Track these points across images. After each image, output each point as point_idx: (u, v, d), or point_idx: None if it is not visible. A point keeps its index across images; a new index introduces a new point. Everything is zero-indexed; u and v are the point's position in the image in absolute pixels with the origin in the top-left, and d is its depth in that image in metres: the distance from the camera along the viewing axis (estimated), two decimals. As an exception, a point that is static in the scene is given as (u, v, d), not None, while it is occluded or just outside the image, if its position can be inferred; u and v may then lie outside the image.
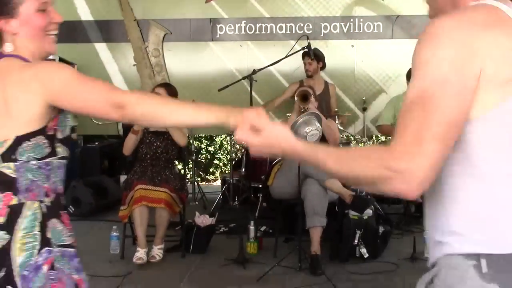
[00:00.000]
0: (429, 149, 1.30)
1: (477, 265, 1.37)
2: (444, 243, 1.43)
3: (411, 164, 1.31)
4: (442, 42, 1.34)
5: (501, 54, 1.35)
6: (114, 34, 8.29)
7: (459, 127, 1.34)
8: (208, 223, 5.51)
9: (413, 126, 1.32)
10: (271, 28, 8.08)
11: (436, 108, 1.31)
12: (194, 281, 4.72)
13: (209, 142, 11.28)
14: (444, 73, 1.32)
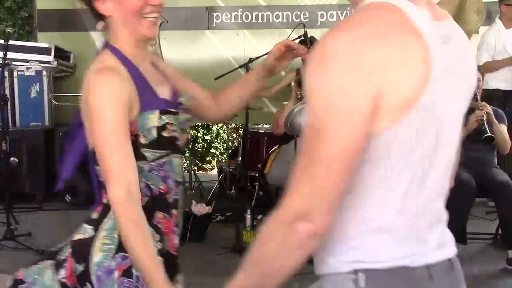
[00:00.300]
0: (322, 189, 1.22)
1: (355, 279, 1.33)
2: (322, 262, 1.41)
3: (307, 204, 1.23)
4: (333, 67, 1.21)
5: (398, 71, 1.21)
6: (110, 23, 8.27)
7: (355, 155, 1.22)
8: (204, 211, 5.52)
9: (305, 163, 1.24)
10: (267, 16, 8.06)
11: (326, 139, 1.20)
12: (191, 270, 4.70)
13: (206, 131, 11.28)
14: (333, 103, 1.20)
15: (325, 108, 1.21)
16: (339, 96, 1.19)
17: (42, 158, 7.07)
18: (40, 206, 6.79)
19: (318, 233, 1.25)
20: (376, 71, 1.19)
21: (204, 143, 11.27)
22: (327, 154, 1.20)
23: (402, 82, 1.22)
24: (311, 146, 1.23)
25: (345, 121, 1.19)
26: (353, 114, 1.20)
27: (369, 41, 1.21)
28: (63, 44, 8.02)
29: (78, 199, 6.87)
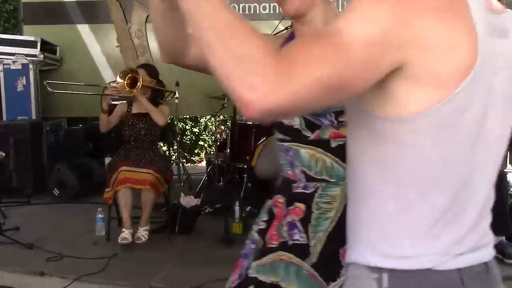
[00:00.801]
0: (302, 81, 1.05)
1: (379, 278, 1.26)
2: (354, 249, 1.34)
3: (276, 82, 1.03)
4: (384, 3, 1.11)
5: (441, 49, 1.12)
6: (97, 15, 8.23)
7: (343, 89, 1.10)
8: (193, 204, 5.53)
9: (304, 53, 1.07)
10: (254, 8, 8.06)
11: (337, 57, 1.06)
12: (180, 262, 4.73)
13: (194, 123, 11.28)
14: (361, 32, 1.08)
15: (351, 31, 1.09)
16: (370, 31, 1.09)
17: (30, 152, 7.04)
18: (28, 200, 6.77)
19: (248, 109, 1.06)
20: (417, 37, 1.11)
21: (192, 135, 11.27)
22: (317, 67, 1.06)
23: (443, 63, 1.13)
24: (320, 46, 1.08)
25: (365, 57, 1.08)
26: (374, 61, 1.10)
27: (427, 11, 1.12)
28: (49, 37, 7.98)
29: (67, 193, 6.85)
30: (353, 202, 1.36)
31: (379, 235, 1.28)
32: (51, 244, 5.04)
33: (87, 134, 7.88)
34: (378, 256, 1.28)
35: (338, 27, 1.10)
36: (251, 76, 1.04)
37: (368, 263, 1.29)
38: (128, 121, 5.42)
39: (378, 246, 1.28)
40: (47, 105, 7.95)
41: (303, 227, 1.89)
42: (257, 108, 1.04)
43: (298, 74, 1.05)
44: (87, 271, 4.39)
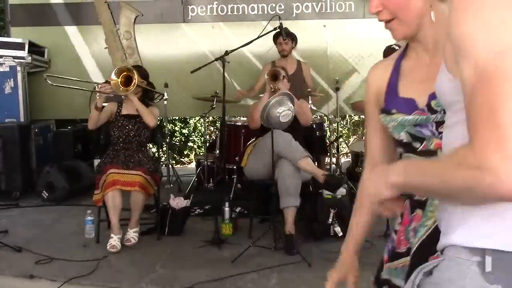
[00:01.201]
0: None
1: (481, 262, 1.19)
2: (451, 231, 1.27)
3: (498, 157, 1.03)
4: (485, 5, 1.10)
5: None
6: (85, 17, 8.21)
7: None
8: (183, 205, 5.52)
9: (486, 112, 1.05)
10: (243, 9, 8.06)
11: (507, 83, 1.05)
12: (170, 263, 4.73)
13: (183, 125, 11.27)
14: (502, 40, 1.06)
15: (494, 48, 1.07)
16: (506, 30, 1.07)
17: (18, 155, 7.01)
18: (16, 203, 6.74)
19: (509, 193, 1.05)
20: None
21: (182, 136, 11.25)
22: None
23: None
24: (491, 91, 1.06)
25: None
26: None
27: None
28: (37, 39, 7.95)
29: (56, 195, 6.82)
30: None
31: (482, 216, 1.21)
32: (40, 247, 5.03)
33: (75, 136, 7.85)
34: (481, 238, 1.21)
35: (474, 69, 1.09)
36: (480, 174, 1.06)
37: (469, 244, 1.22)
38: (118, 122, 5.41)
39: (481, 227, 1.22)
40: (35, 107, 7.92)
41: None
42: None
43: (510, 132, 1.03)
44: (77, 273, 4.39)
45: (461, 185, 1.11)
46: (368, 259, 4.82)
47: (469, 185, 1.09)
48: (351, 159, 8.18)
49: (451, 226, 1.28)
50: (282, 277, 4.36)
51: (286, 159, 5.03)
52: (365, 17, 7.97)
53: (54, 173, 6.88)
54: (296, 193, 5.01)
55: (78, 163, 7.46)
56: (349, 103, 7.71)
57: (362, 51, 7.99)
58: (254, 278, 4.33)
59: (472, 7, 1.11)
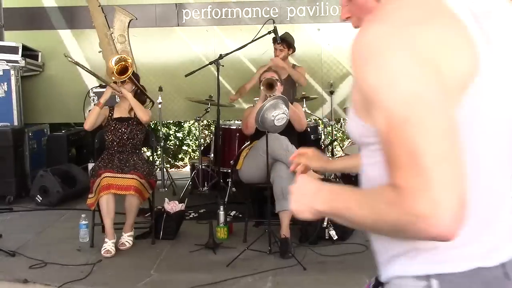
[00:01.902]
0: (436, 176, 1.07)
1: (427, 286, 1.24)
2: (395, 263, 1.31)
3: (428, 201, 1.07)
4: (384, 57, 1.14)
5: (448, 54, 1.16)
6: (79, 21, 8.20)
7: (456, 131, 1.12)
8: (177, 209, 5.51)
9: (407, 161, 1.10)
10: (237, 12, 8.07)
11: (420, 129, 1.09)
12: (164, 267, 4.72)
13: (178, 128, 11.25)
14: (406, 90, 1.11)
15: (400, 99, 1.11)
16: (408, 80, 1.12)
17: (12, 159, 6.98)
18: (10, 207, 6.71)
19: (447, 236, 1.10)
20: (428, 51, 1.14)
21: (176, 140, 11.24)
22: (431, 142, 1.09)
23: (457, 63, 1.17)
24: (407, 140, 1.10)
25: (430, 103, 1.11)
26: (432, 92, 1.11)
27: (409, 26, 1.16)
28: (31, 42, 7.93)
29: (50, 200, 6.80)
30: None
31: (420, 243, 1.25)
32: (34, 251, 5.01)
33: (70, 140, 7.83)
34: (423, 264, 1.26)
35: (387, 121, 1.14)
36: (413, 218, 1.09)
37: (414, 273, 1.26)
38: (110, 126, 5.40)
39: (421, 255, 1.26)
40: (29, 111, 7.90)
41: None
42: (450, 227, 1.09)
43: (435, 175, 1.08)
44: (71, 277, 4.37)
45: (393, 225, 1.14)
46: (362, 262, 4.85)
47: (401, 227, 1.13)
48: (345, 163, 8.17)
49: (392, 256, 1.31)
50: (277, 280, 4.35)
51: (281, 163, 5.03)
52: (359, 21, 7.97)
53: (48, 177, 6.85)
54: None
55: (72, 167, 7.44)
56: (343, 107, 7.72)
57: (356, 55, 7.99)
58: (249, 282, 4.32)
59: (372, 59, 1.14)
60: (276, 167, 5.04)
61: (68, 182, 7.02)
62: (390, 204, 1.12)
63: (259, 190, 5.60)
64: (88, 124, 5.37)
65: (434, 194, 1.07)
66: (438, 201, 1.07)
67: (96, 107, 5.39)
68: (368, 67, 1.15)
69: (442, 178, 1.07)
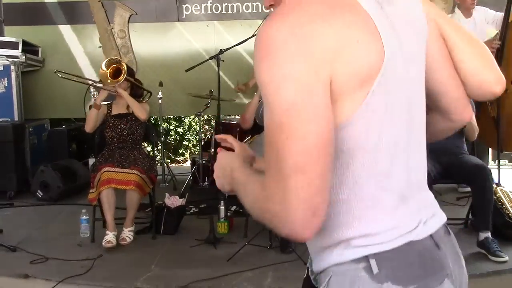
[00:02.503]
0: (292, 184, 1.14)
1: (367, 266, 1.29)
2: (330, 253, 1.35)
3: (285, 211, 1.16)
4: (278, 58, 1.16)
5: (350, 50, 1.19)
6: (79, 16, 8.19)
7: (326, 146, 1.16)
8: (178, 204, 5.52)
9: (273, 163, 1.17)
10: (237, 7, 8.05)
11: (289, 137, 1.14)
12: (165, 262, 4.72)
13: (178, 123, 11.25)
14: (288, 97, 1.15)
15: (281, 105, 1.16)
16: (293, 88, 1.15)
17: (12, 154, 6.98)
18: (11, 202, 6.72)
19: (297, 238, 1.19)
20: (327, 56, 1.17)
21: (177, 135, 11.24)
22: (295, 153, 1.14)
23: (361, 56, 1.21)
24: (277, 144, 1.17)
25: (306, 115, 1.15)
26: (311, 105, 1.15)
27: (309, 25, 1.18)
28: (31, 38, 7.92)
29: (50, 195, 6.80)
30: None
31: (356, 234, 1.32)
32: (35, 246, 5.01)
33: (70, 135, 7.83)
34: (359, 248, 1.31)
35: (268, 121, 1.19)
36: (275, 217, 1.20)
37: (352, 257, 1.31)
38: (109, 123, 5.40)
39: (354, 243, 1.31)
40: (29, 106, 7.90)
41: None
42: (300, 231, 1.18)
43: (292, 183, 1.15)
44: (72, 273, 4.38)
45: (261, 217, 1.25)
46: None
47: (266, 220, 1.23)
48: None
49: (324, 248, 1.37)
50: (277, 275, 4.35)
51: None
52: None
53: (49, 173, 6.85)
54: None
55: (73, 162, 7.44)
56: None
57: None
58: (250, 276, 4.33)
59: (267, 59, 1.18)
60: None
61: (68, 177, 7.02)
62: (260, 199, 1.23)
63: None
64: (89, 127, 5.35)
65: (287, 200, 1.15)
66: (289, 207, 1.14)
67: (94, 109, 5.36)
68: (263, 63, 1.18)
69: (297, 187, 1.14)
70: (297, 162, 1.14)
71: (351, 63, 1.20)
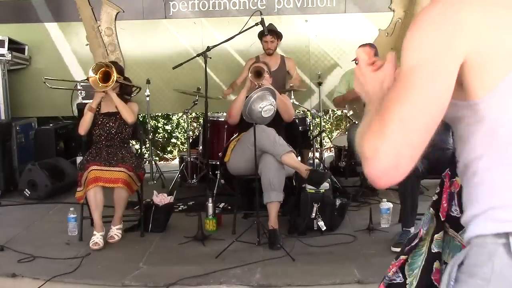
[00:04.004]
0: (391, 136, 1.28)
1: (506, 243, 1.31)
2: (475, 223, 1.39)
3: (374, 150, 1.30)
4: (424, 28, 1.33)
5: (495, 27, 1.31)
6: (65, 13, 8.15)
7: (435, 113, 1.31)
8: (166, 201, 5.51)
9: (384, 107, 1.33)
10: (224, 4, 8.05)
11: (406, 94, 1.30)
12: (153, 260, 4.72)
13: (166, 121, 11.24)
14: (419, 59, 1.31)
15: (407, 62, 1.32)
16: (422, 52, 1.31)
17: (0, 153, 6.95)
18: (-2, 201, 6.69)
19: (375, 182, 1.33)
20: (469, 32, 1.30)
21: (165, 133, 11.23)
22: (405, 106, 1.29)
23: (502, 38, 1.31)
24: (393, 92, 1.34)
25: (427, 78, 1.29)
26: (436, 72, 1.30)
27: (463, 3, 1.32)
28: (17, 36, 7.87)
29: (38, 193, 6.78)
30: (467, 182, 1.44)
31: (499, 204, 1.35)
32: (22, 245, 5.00)
33: (58, 134, 7.80)
34: (503, 223, 1.33)
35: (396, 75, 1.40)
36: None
37: (493, 231, 1.34)
38: (98, 120, 5.37)
39: (497, 213, 1.34)
40: (16, 104, 7.86)
41: (458, 200, 1.85)
42: (379, 177, 1.34)
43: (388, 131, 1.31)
44: (60, 271, 4.36)
45: (360, 154, 1.36)
46: (351, 252, 4.88)
47: (362, 161, 1.35)
48: (334, 154, 8.21)
49: (473, 216, 1.40)
50: (265, 271, 4.36)
51: (269, 154, 5.04)
52: (347, 12, 8.00)
53: (36, 171, 6.83)
54: (279, 188, 5.02)
55: (61, 160, 7.41)
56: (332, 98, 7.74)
57: (343, 46, 8.03)
58: (238, 273, 4.34)
59: (413, 28, 1.36)
60: (263, 159, 5.05)
61: (56, 176, 6.99)
62: (361, 133, 1.37)
63: (247, 182, 5.62)
64: (83, 129, 5.31)
65: (379, 144, 1.29)
66: (377, 151, 1.29)
67: (89, 112, 5.30)
68: (408, 32, 1.36)
69: (392, 137, 1.29)
70: (402, 116, 1.29)
71: (495, 37, 1.31)
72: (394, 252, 4.60)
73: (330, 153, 9.35)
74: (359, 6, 7.98)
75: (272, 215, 4.99)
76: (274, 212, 5.00)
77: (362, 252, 4.70)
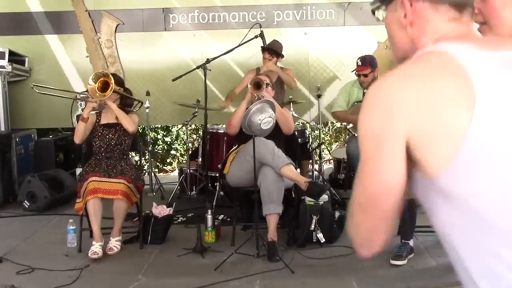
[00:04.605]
0: (355, 219, 1.42)
1: None
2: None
3: (349, 231, 1.44)
4: (365, 113, 1.35)
5: (434, 104, 1.27)
6: (66, 26, 8.18)
7: (390, 194, 1.35)
8: (165, 213, 5.51)
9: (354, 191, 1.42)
10: (224, 17, 8.08)
11: (360, 180, 1.38)
12: (153, 271, 4.72)
13: (166, 133, 11.24)
14: (365, 148, 1.35)
15: (362, 154, 1.36)
16: (372, 139, 1.33)
17: (-1, 164, 6.95)
18: (-3, 212, 6.69)
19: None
20: (403, 111, 1.28)
21: (164, 144, 11.23)
22: (360, 194, 1.38)
23: (439, 119, 1.27)
24: (356, 179, 1.39)
25: (372, 165, 1.34)
26: (379, 156, 1.33)
27: (397, 83, 1.33)
28: (18, 48, 7.90)
29: (37, 205, 6.77)
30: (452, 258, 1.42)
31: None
32: (21, 257, 4.99)
33: (57, 145, 7.80)
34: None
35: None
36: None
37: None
38: (98, 132, 5.38)
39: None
40: (16, 116, 7.88)
41: None
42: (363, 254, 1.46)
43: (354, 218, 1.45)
44: (59, 283, 4.36)
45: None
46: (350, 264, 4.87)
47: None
48: (333, 166, 8.21)
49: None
50: (265, 284, 4.36)
51: (268, 166, 5.04)
52: (346, 25, 8.04)
53: (36, 183, 6.83)
54: (278, 200, 5.03)
55: (60, 172, 7.41)
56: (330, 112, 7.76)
57: (342, 58, 8.06)
58: (237, 285, 4.34)
59: (363, 104, 1.38)
60: (263, 171, 5.05)
61: (55, 188, 6.99)
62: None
63: (247, 193, 5.62)
64: (78, 139, 5.32)
65: (349, 227, 1.45)
66: (349, 232, 1.45)
67: (81, 122, 5.31)
68: (360, 112, 1.37)
69: (357, 221, 1.42)
70: (360, 202, 1.39)
71: (434, 118, 1.27)
72: (393, 264, 4.61)
73: (329, 165, 9.35)
74: (357, 18, 8.02)
75: (271, 227, 4.99)
76: (273, 224, 5.00)
77: (361, 265, 4.70)
